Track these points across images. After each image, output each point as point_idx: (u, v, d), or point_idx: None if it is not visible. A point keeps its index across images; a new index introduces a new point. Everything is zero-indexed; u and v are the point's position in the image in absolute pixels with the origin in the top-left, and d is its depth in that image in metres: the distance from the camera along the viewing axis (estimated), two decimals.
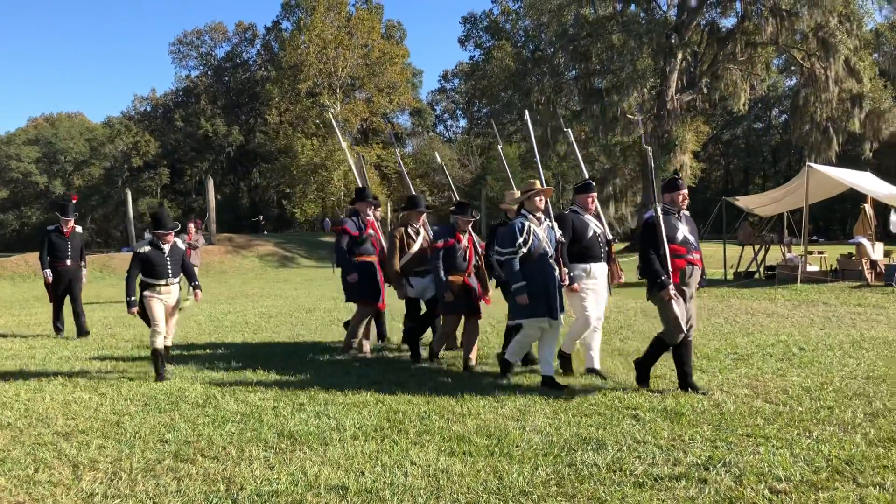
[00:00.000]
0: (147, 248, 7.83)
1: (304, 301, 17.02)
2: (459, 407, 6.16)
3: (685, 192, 6.75)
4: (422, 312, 8.92)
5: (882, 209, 20.03)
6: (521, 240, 6.87)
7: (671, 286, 6.29)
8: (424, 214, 8.88)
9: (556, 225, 7.20)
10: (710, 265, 21.59)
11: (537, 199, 7.08)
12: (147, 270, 7.76)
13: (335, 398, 6.56)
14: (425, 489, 4.26)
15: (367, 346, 8.98)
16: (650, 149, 7.29)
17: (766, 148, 66.57)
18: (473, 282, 8.06)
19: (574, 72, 42.09)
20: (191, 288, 8.36)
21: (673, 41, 35.59)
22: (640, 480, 4.32)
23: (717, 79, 36.73)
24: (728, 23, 38.71)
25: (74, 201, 11.71)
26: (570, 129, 9.72)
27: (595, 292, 7.36)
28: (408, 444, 5.12)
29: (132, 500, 4.23)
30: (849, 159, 35.47)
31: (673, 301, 6.29)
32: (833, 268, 19.11)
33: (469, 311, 7.98)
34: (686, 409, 5.87)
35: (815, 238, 36.56)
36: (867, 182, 18.96)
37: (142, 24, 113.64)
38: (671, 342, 6.50)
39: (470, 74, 63.92)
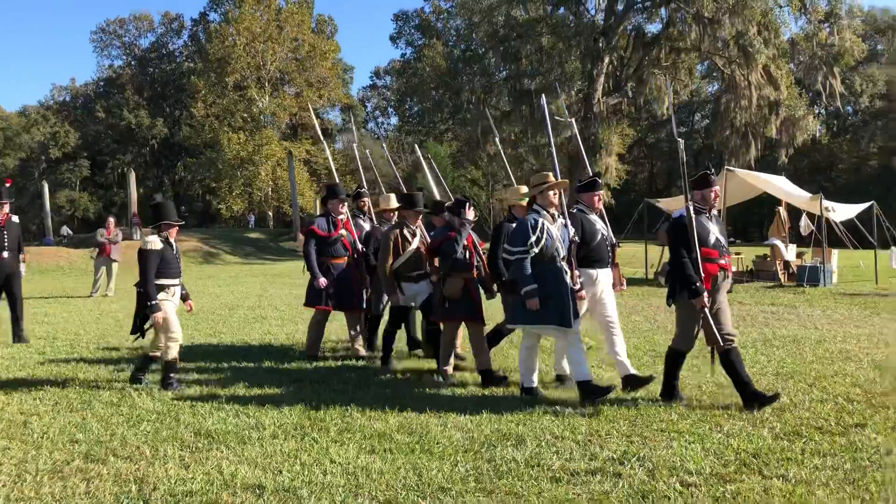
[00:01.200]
0: (160, 245, 6.89)
1: (228, 298, 16.71)
2: (382, 404, 6.14)
3: (718, 188, 6.27)
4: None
5: (796, 212, 20.85)
6: (533, 238, 6.22)
7: (705, 294, 5.81)
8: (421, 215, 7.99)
9: (570, 223, 6.56)
10: (632, 265, 22.13)
11: (551, 193, 6.43)
12: (161, 269, 6.88)
13: (255, 396, 6.47)
14: (344, 487, 4.23)
15: (359, 345, 8.60)
16: (682, 141, 6.67)
17: (688, 151, 68.40)
18: (475, 285, 7.33)
19: (504, 72, 42.44)
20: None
21: (600, 45, 36.23)
22: (557, 475, 4.39)
23: (643, 83, 37.55)
24: (654, 28, 39.68)
25: (9, 185, 10.61)
26: (572, 120, 9.13)
27: (598, 298, 6.73)
28: (328, 441, 5.09)
29: (37, 502, 4.08)
30: (766, 164, 36.84)
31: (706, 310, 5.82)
32: (749, 268, 19.81)
33: (470, 315, 7.19)
34: (604, 406, 6.00)
35: (732, 239, 37.81)
36: (782, 186, 19.72)
37: (61, 10, 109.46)
38: (685, 349, 6.11)
39: (401, 72, 63.77)
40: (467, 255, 7.23)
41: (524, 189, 7.47)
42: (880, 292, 16.09)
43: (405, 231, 7.75)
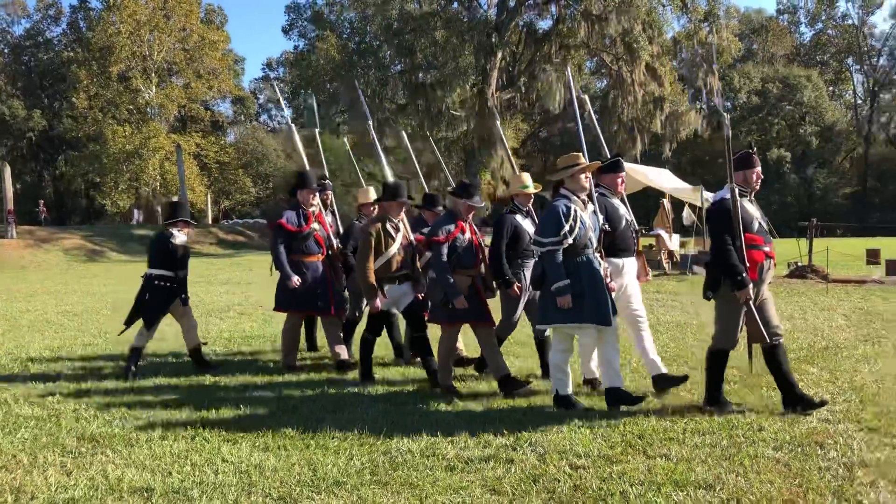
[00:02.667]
0: (185, 239, 7.45)
1: (114, 298, 16.01)
2: (276, 402, 6.07)
3: (759, 169, 5.61)
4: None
5: (679, 204, 21.79)
6: (566, 227, 5.52)
7: (751, 286, 5.28)
8: (405, 207, 6.94)
9: (598, 209, 5.92)
10: None
11: (583, 176, 5.77)
12: (183, 264, 7.41)
13: (143, 397, 6.27)
14: (236, 486, 4.16)
15: (344, 352, 7.48)
16: (727, 116, 5.89)
17: (578, 146, 70.23)
18: (481, 283, 6.52)
19: (399, 66, 42.42)
20: None
21: (493, 40, 36.71)
22: (452, 464, 4.46)
23: (535, 78, 38.30)
24: (544, 25, 40.54)
25: None
26: (586, 96, 8.20)
27: (624, 290, 6.17)
28: (220, 441, 4.98)
29: None
30: (651, 157, 38.24)
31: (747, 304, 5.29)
32: None
33: (477, 316, 6.36)
34: (498, 394, 6.12)
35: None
36: (666, 179, 20.59)
37: None
38: (729, 347, 5.53)
39: (295, 64, 62.70)
40: (473, 248, 6.42)
41: (527, 177, 6.92)
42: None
43: (387, 226, 6.65)
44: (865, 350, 8.11)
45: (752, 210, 5.51)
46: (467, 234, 6.37)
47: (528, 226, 6.70)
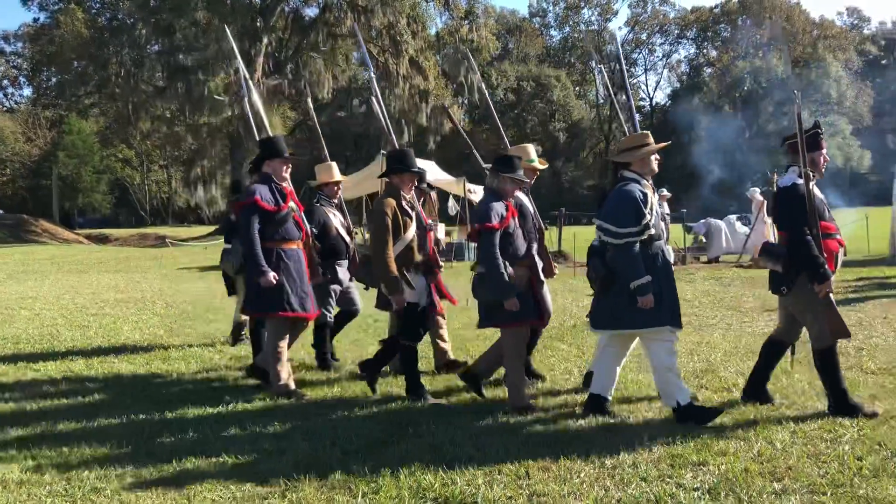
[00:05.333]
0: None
1: None
2: (22, 409, 5.56)
3: (826, 152, 5.18)
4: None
5: (443, 194, 22.72)
6: (647, 216, 4.84)
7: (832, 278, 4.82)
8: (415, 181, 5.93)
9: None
10: None
11: (653, 158, 5.09)
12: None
13: None
14: None
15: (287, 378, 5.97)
16: (798, 94, 5.21)
17: (348, 135, 70.70)
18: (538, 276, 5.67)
19: (157, 46, 39.99)
20: None
21: (259, 25, 35.81)
22: (221, 459, 4.34)
23: (303, 66, 37.94)
24: (311, 12, 40.21)
25: None
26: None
27: None
28: None
29: None
30: (418, 150, 39.36)
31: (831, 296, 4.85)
32: None
33: (536, 315, 5.55)
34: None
35: None
36: (431, 171, 21.37)
37: None
38: (825, 346, 4.93)
39: (35, 38, 56.89)
40: (526, 235, 5.57)
41: (531, 149, 6.17)
42: None
43: (403, 203, 5.63)
44: None
45: (821, 196, 5.12)
46: (517, 219, 5.54)
47: (529, 204, 6.02)
